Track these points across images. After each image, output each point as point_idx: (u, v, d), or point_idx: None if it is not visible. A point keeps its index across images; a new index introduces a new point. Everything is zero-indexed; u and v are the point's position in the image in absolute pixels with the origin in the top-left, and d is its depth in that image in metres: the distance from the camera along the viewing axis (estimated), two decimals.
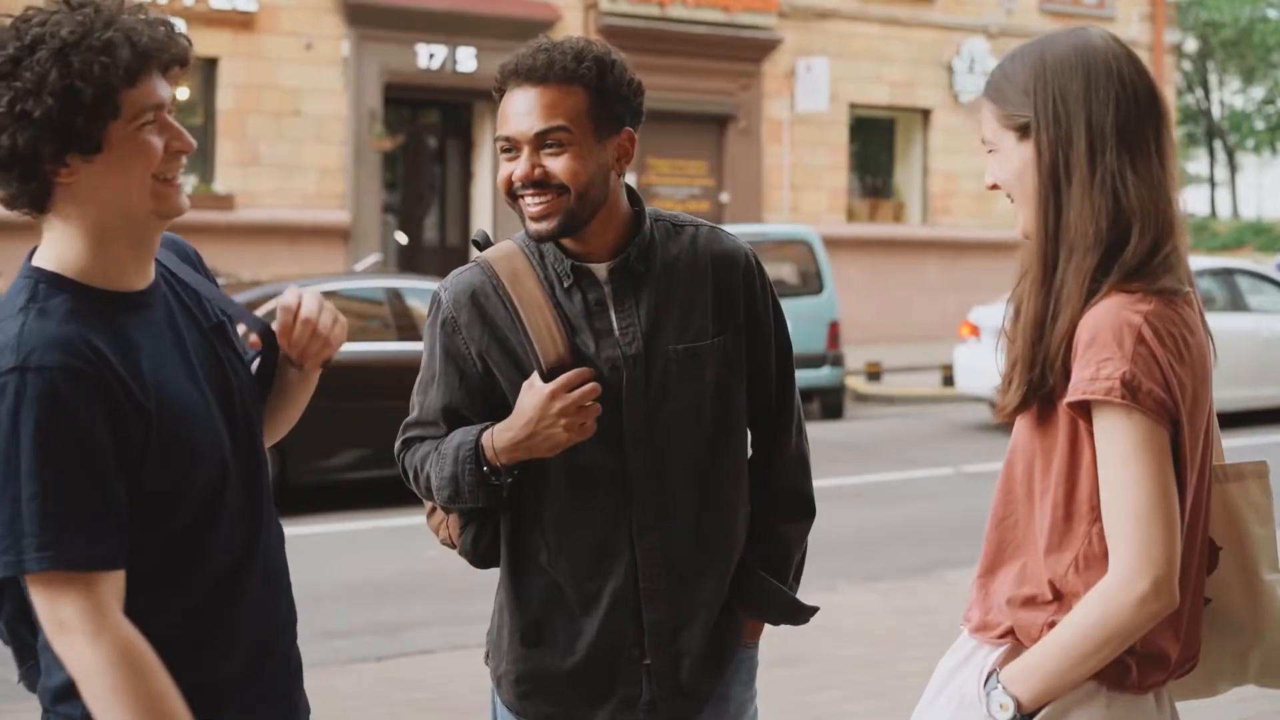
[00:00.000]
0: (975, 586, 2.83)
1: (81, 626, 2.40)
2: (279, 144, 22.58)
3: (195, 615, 2.62)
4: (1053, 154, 2.68)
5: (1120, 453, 2.56)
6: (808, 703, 7.08)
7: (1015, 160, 2.73)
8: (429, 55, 23.86)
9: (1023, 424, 2.76)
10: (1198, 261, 19.79)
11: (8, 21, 2.52)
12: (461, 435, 3.17)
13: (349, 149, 23.34)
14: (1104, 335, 2.57)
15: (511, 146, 3.14)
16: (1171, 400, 2.57)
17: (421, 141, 26.09)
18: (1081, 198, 2.65)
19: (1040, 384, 2.67)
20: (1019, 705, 2.63)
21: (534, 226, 3.14)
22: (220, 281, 11.12)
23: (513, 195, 3.16)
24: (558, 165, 3.10)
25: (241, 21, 22.12)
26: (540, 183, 3.10)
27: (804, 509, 3.41)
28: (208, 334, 2.73)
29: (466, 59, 24.03)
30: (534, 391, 3.08)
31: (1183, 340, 2.62)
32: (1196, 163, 59.88)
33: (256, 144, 22.21)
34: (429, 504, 3.37)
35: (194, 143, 2.64)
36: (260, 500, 2.75)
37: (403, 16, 23.56)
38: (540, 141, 3.10)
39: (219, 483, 2.63)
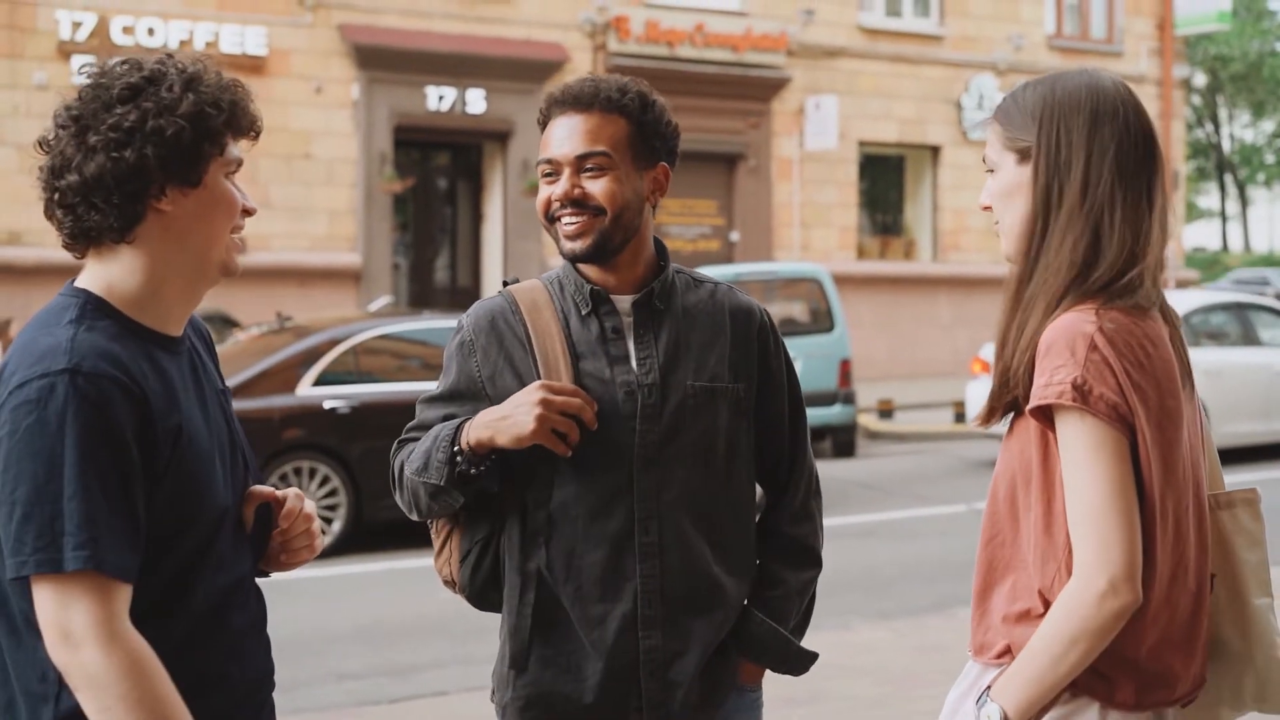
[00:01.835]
0: (973, 608, 2.91)
1: (93, 636, 2.41)
2: (289, 187, 22.66)
3: (176, 656, 2.60)
4: (1048, 179, 2.79)
5: (1075, 456, 2.67)
6: None
7: (1011, 182, 2.86)
8: (438, 97, 23.96)
9: (1004, 445, 2.87)
10: (1209, 296, 19.77)
11: (108, 64, 2.66)
12: (449, 421, 3.23)
13: (359, 191, 23.42)
14: (1058, 344, 2.69)
15: (553, 170, 3.26)
16: (1126, 405, 2.66)
17: (432, 183, 26.16)
18: (1069, 225, 2.77)
19: (1002, 391, 2.80)
20: (1005, 715, 2.70)
21: (569, 245, 3.25)
22: (281, 324, 10.94)
23: (550, 217, 3.27)
24: (596, 187, 3.22)
25: (252, 65, 22.21)
26: (578, 202, 3.22)
27: (808, 560, 3.43)
28: (217, 394, 2.81)
29: (476, 100, 24.13)
30: (525, 387, 3.16)
31: (1142, 349, 2.71)
32: (1207, 197, 59.88)
33: (267, 187, 22.27)
34: (436, 542, 3.40)
35: (256, 207, 2.77)
36: (244, 553, 2.78)
37: (412, 59, 23.66)
38: (581, 164, 3.23)
39: (214, 530, 2.66)
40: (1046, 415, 2.70)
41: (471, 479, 3.17)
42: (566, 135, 3.25)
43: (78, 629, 2.41)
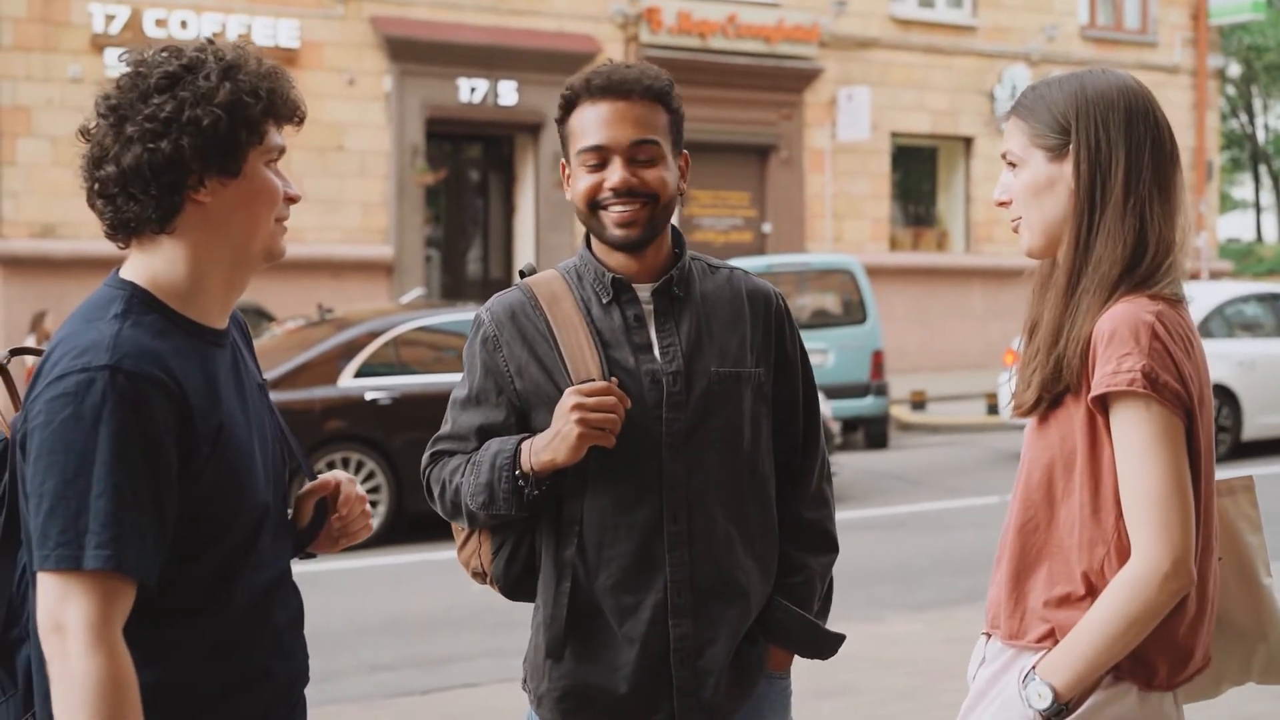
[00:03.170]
0: (1004, 594, 2.96)
1: (82, 635, 2.39)
2: (322, 179, 22.69)
3: (220, 654, 2.61)
4: (1091, 177, 2.86)
5: (1139, 442, 2.74)
6: None
7: (1041, 178, 2.91)
8: (470, 89, 23.97)
9: (1036, 434, 2.93)
10: (1244, 287, 19.66)
11: (147, 53, 2.62)
12: (499, 444, 3.22)
13: (392, 184, 23.46)
14: (1122, 332, 2.75)
15: (601, 159, 3.22)
16: (1186, 392, 2.75)
17: (464, 175, 26.18)
18: (1114, 220, 2.84)
19: (1054, 381, 2.85)
20: (1055, 693, 2.78)
21: (619, 233, 3.23)
22: (322, 316, 11.06)
23: (594, 205, 3.24)
24: (650, 176, 3.21)
25: (284, 58, 22.24)
26: (632, 191, 3.20)
27: (827, 544, 3.44)
28: (257, 388, 2.78)
29: (508, 92, 24.14)
30: (561, 398, 3.16)
31: (1187, 340, 2.81)
32: (1241, 188, 59.51)
33: (300, 180, 22.27)
34: (460, 535, 3.40)
35: (301, 194, 2.73)
36: (285, 549, 2.78)
37: (444, 51, 23.69)
38: (633, 153, 3.21)
39: (255, 528, 2.65)
40: (1101, 402, 2.77)
41: (538, 498, 3.20)
42: (615, 121, 3.22)
43: (70, 623, 2.39)
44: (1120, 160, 2.84)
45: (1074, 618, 2.80)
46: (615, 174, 3.21)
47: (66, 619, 2.40)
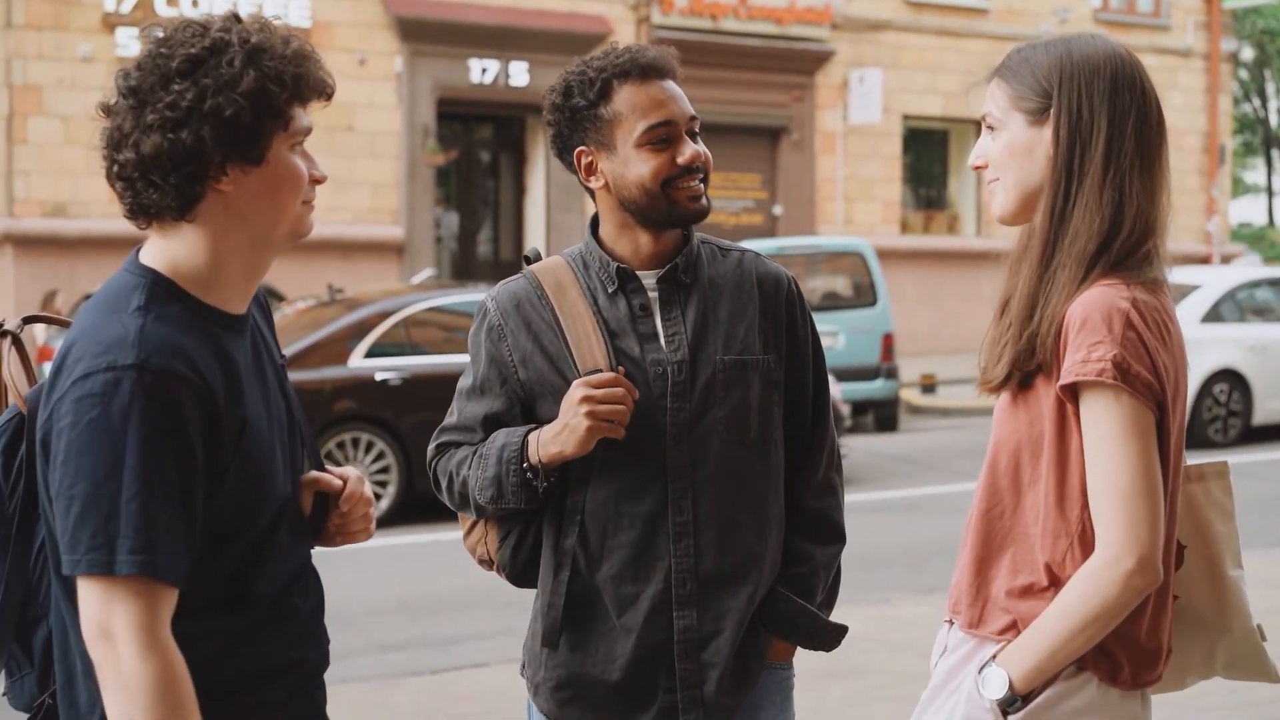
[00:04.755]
0: (967, 579, 2.89)
1: (133, 639, 2.35)
2: (332, 160, 22.63)
3: (246, 645, 2.57)
4: (1071, 144, 2.76)
5: (1108, 434, 2.64)
6: (863, 716, 7.07)
7: (1020, 142, 2.83)
8: (481, 70, 23.95)
9: (1006, 417, 2.84)
10: (1255, 271, 19.62)
11: (167, 28, 2.55)
12: (505, 436, 3.20)
13: (402, 164, 23.45)
14: (1094, 319, 2.65)
15: (668, 135, 3.20)
16: (1158, 383, 2.65)
17: (474, 156, 26.17)
18: (1092, 190, 2.73)
19: (1026, 358, 2.75)
20: (1011, 684, 2.71)
21: (695, 207, 3.25)
22: (332, 297, 11.03)
23: (666, 181, 3.20)
24: (705, 149, 3.24)
25: None
26: (701, 166, 3.23)
27: (833, 535, 3.39)
28: (277, 371, 2.72)
29: (519, 73, 24.11)
30: (569, 390, 3.13)
31: (1164, 327, 2.71)
32: (1254, 172, 59.36)
33: None
34: (466, 522, 3.39)
35: (326, 175, 2.66)
36: (304, 538, 2.74)
37: (455, 32, 23.66)
38: (690, 127, 3.23)
39: (276, 521, 2.61)
40: (1070, 390, 2.68)
41: (547, 490, 3.19)
42: (673, 98, 3.22)
43: (119, 629, 2.35)
44: (1102, 128, 2.73)
45: (1036, 609, 2.72)
46: (688, 149, 3.21)
47: (114, 626, 2.35)
